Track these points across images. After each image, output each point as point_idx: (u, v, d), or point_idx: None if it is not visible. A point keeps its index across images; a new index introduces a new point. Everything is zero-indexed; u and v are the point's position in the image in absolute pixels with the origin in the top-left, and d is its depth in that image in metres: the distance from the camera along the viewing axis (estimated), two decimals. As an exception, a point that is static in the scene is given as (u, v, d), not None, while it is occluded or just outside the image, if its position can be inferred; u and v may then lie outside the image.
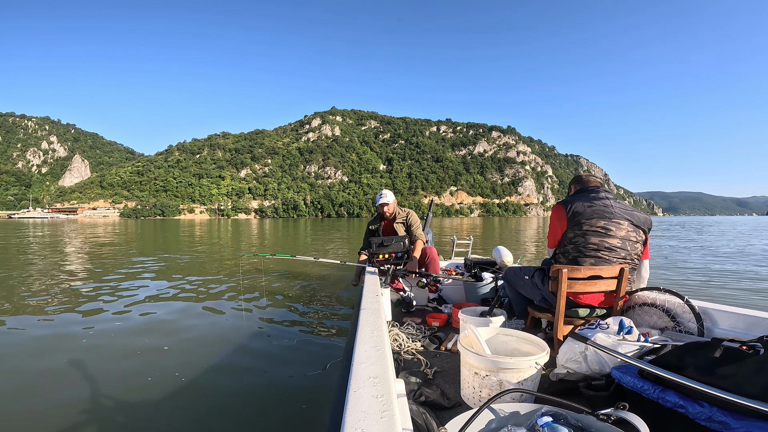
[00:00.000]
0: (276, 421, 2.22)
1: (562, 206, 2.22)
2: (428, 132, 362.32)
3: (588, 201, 2.17)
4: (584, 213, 2.12)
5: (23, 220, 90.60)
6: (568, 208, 2.17)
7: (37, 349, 3.32)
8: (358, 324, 1.40)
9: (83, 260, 9.75)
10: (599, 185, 2.33)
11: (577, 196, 2.25)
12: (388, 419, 0.75)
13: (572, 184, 2.50)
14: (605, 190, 2.28)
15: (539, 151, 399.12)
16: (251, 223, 66.92)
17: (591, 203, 2.15)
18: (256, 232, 27.69)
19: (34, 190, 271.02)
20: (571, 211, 2.15)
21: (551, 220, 2.29)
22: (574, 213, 2.14)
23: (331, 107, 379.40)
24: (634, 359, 1.41)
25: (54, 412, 2.28)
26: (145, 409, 2.32)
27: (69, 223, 48.62)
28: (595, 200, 2.17)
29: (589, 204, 2.15)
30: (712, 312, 2.00)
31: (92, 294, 5.52)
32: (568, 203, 2.20)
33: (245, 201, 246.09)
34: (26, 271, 7.66)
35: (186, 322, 4.13)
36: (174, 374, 2.78)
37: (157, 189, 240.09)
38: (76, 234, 22.42)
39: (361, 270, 3.86)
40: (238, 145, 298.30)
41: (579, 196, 2.25)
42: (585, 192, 2.28)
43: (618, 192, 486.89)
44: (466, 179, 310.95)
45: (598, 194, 2.22)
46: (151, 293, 5.56)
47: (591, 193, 2.25)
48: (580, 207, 2.15)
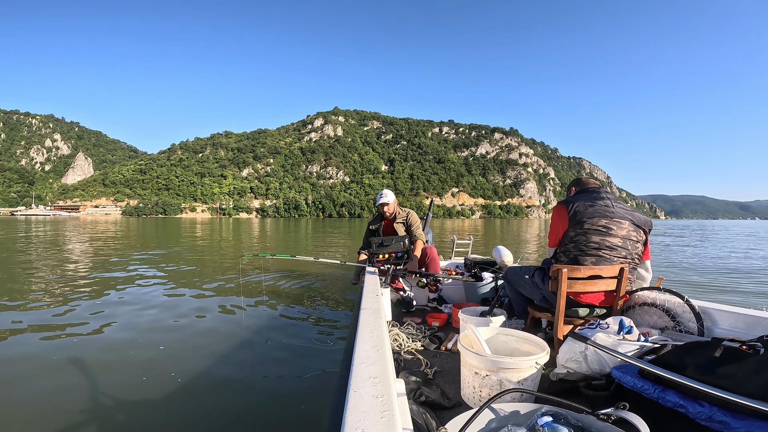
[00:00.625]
0: (276, 421, 2.21)
1: (563, 205, 2.24)
2: (430, 133, 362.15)
3: (590, 201, 2.19)
4: (586, 212, 2.14)
5: (25, 217, 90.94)
6: (569, 207, 2.19)
7: (34, 347, 3.28)
8: (358, 324, 1.40)
9: (81, 258, 9.77)
10: (599, 186, 2.36)
11: (578, 196, 2.27)
12: (388, 419, 0.75)
13: (572, 186, 2.52)
14: (605, 191, 2.30)
15: (542, 153, 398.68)
16: (252, 222, 66.97)
17: (593, 203, 2.17)
18: (257, 232, 27.69)
19: (38, 187, 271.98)
20: (573, 210, 2.17)
21: (552, 219, 2.30)
22: (576, 212, 2.15)
23: (333, 107, 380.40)
24: (634, 359, 1.41)
25: (47, 411, 2.26)
26: (142, 410, 2.29)
27: (71, 221, 48.73)
28: (597, 200, 2.19)
29: (591, 203, 2.17)
30: (712, 312, 2.00)
31: (88, 292, 5.52)
32: (570, 202, 2.21)
33: (247, 200, 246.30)
34: (23, 268, 7.67)
35: (185, 321, 4.10)
36: (171, 374, 2.75)
37: (160, 187, 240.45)
38: (77, 231, 22.49)
39: (360, 269, 3.86)
40: (241, 145, 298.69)
41: (580, 196, 2.27)
42: (586, 192, 2.30)
43: (620, 195, 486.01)
44: (468, 181, 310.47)
45: (599, 194, 2.24)
46: (149, 292, 5.54)
47: (592, 193, 2.27)
48: (581, 206, 2.16)
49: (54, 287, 5.84)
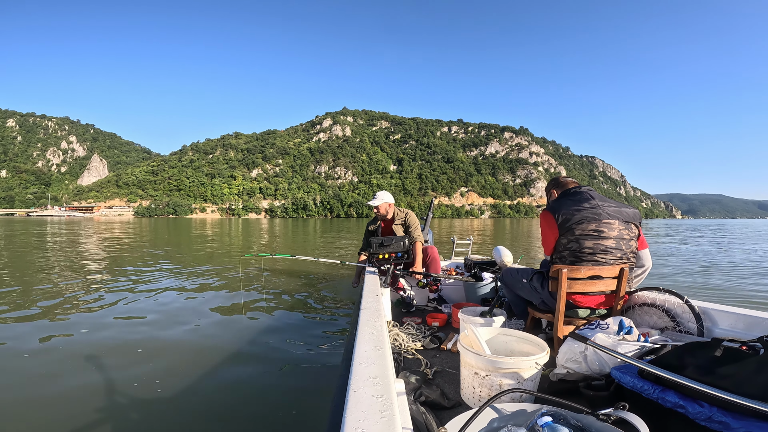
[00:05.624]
0: (276, 421, 2.20)
1: (550, 213, 2.18)
2: (439, 132, 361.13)
3: (576, 204, 2.13)
4: (573, 218, 2.09)
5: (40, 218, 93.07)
6: (556, 216, 2.13)
7: (35, 346, 3.28)
8: (358, 324, 1.40)
9: (90, 257, 9.97)
10: (579, 186, 2.30)
11: (562, 202, 2.21)
12: (388, 419, 0.75)
13: (552, 189, 2.46)
14: (588, 189, 2.24)
15: (553, 152, 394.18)
16: (261, 222, 67.52)
17: (579, 206, 2.12)
18: (265, 232, 27.90)
19: (54, 188, 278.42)
20: (561, 218, 2.12)
21: (542, 228, 2.26)
22: (564, 219, 2.11)
23: (342, 108, 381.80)
24: (634, 359, 1.40)
25: (47, 411, 2.27)
26: (140, 410, 2.29)
27: (85, 221, 49.81)
28: (582, 202, 2.14)
29: (577, 208, 2.11)
30: (712, 312, 1.99)
31: (94, 289, 5.66)
32: (556, 210, 2.16)
33: (256, 200, 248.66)
34: (29, 267, 7.84)
35: (184, 321, 4.10)
36: (171, 374, 2.75)
37: (171, 188, 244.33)
38: (92, 231, 22.98)
39: (360, 270, 3.86)
40: (250, 145, 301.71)
41: (564, 201, 2.21)
42: (569, 195, 2.24)
43: (635, 194, 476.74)
44: (477, 180, 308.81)
45: (582, 196, 2.19)
46: (150, 292, 5.58)
47: (575, 195, 2.21)
48: (568, 213, 2.11)
49: (58, 284, 5.96)
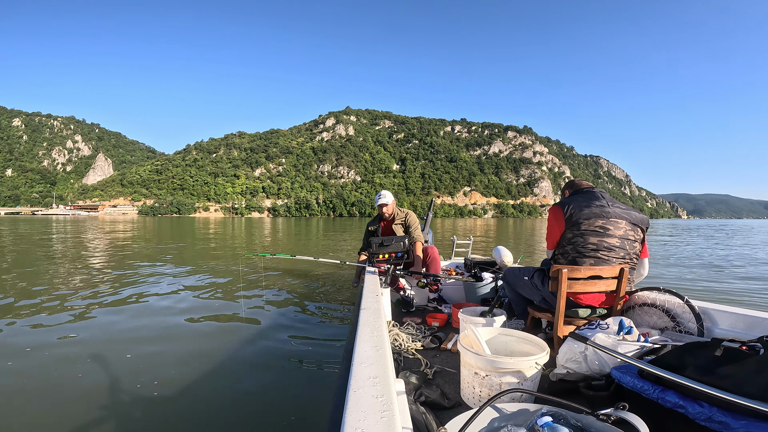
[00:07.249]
0: (275, 421, 2.20)
1: (559, 207, 2.23)
2: (442, 132, 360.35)
3: (585, 201, 2.18)
4: (582, 213, 2.13)
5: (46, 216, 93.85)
6: (565, 209, 2.17)
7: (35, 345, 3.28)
8: (358, 324, 1.40)
9: (94, 256, 10.03)
10: (593, 187, 2.35)
11: (573, 197, 2.26)
12: (388, 419, 0.75)
13: (566, 188, 2.51)
14: (600, 191, 2.29)
15: (557, 151, 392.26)
16: (264, 221, 67.67)
17: (588, 203, 2.16)
18: (268, 231, 27.93)
19: (59, 187, 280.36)
20: (569, 211, 2.15)
21: (549, 222, 2.29)
22: (572, 213, 2.14)
23: (345, 107, 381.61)
24: (634, 359, 1.40)
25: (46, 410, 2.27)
26: (139, 410, 2.29)
27: (90, 220, 50.11)
28: (592, 200, 2.18)
29: (587, 204, 2.15)
30: (712, 312, 1.99)
31: (94, 288, 5.67)
32: (566, 204, 2.20)
33: (259, 200, 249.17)
34: (38, 266, 7.89)
35: (184, 321, 4.10)
36: (170, 374, 2.75)
37: (175, 187, 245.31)
38: (94, 230, 23.13)
39: (360, 270, 3.87)
40: (254, 145, 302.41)
41: (575, 197, 2.25)
42: (581, 193, 2.29)
43: (640, 194, 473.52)
44: (480, 180, 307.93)
45: (594, 195, 2.23)
46: (150, 291, 5.58)
47: (587, 194, 2.25)
48: (577, 207, 2.15)
49: (59, 284, 5.99)
